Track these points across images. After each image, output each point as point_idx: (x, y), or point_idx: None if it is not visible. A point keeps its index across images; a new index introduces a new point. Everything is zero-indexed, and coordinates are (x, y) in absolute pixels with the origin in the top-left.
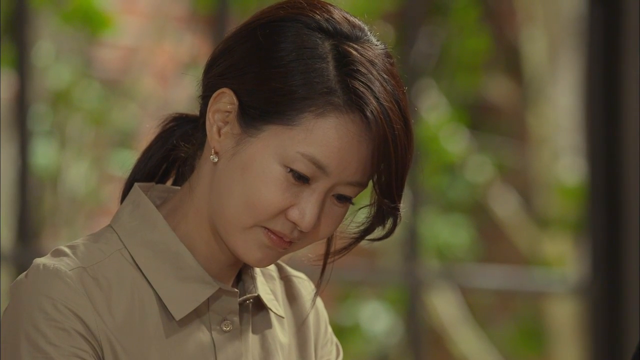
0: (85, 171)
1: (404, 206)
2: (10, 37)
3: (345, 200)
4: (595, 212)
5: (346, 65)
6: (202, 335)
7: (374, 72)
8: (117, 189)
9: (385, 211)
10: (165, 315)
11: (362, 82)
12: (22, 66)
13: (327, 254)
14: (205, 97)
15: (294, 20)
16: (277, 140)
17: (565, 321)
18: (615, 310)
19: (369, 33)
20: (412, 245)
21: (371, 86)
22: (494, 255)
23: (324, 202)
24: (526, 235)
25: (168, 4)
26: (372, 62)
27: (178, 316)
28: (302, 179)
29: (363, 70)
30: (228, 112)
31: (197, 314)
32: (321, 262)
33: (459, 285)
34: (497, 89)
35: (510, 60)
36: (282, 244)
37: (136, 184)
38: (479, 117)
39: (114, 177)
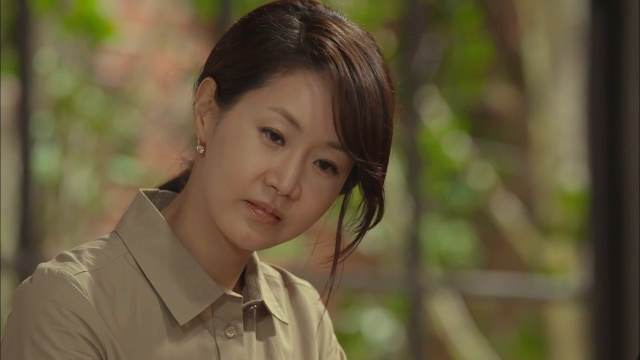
0: (88, 178)
1: (384, 172)
2: (12, 44)
3: (328, 168)
4: (597, 219)
5: (315, 23)
6: (205, 340)
7: (342, 32)
8: (120, 196)
9: (364, 176)
10: (169, 321)
11: (328, 37)
12: (24, 73)
13: (337, 253)
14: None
15: (272, 6)
16: (250, 105)
17: (567, 328)
18: (617, 317)
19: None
20: (414, 252)
21: (336, 40)
22: (496, 262)
23: (303, 165)
24: (528, 243)
25: (170, 11)
26: (342, 28)
27: (182, 321)
28: (276, 139)
29: (332, 29)
30: (210, 100)
31: (201, 320)
32: (329, 264)
33: (461, 292)
34: (499, 96)
35: (512, 67)
36: (267, 216)
37: (141, 190)
38: (481, 124)
39: (116, 184)
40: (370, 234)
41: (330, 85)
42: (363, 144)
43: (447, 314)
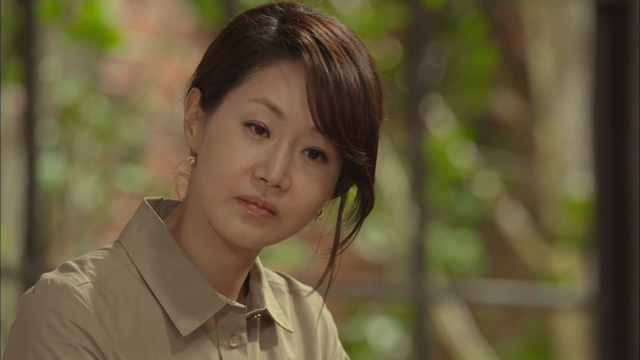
0: (93, 186)
1: (366, 158)
2: (18, 53)
3: (318, 157)
4: (603, 227)
5: (292, 16)
6: (209, 351)
7: (319, 24)
8: (125, 204)
9: (347, 162)
10: (172, 331)
11: (304, 27)
12: (29, 81)
13: (335, 245)
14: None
15: (251, 11)
16: (233, 102)
17: (573, 336)
18: (623, 325)
19: None
20: (420, 261)
21: (311, 30)
22: (501, 270)
23: (290, 155)
24: (534, 251)
25: (175, 19)
26: (320, 21)
27: (184, 332)
28: (262, 132)
29: (308, 21)
30: (197, 109)
31: (204, 330)
32: (330, 256)
33: (467, 300)
34: (504, 104)
35: (517, 76)
36: (259, 210)
37: (145, 199)
38: (486, 133)
39: (121, 192)
40: (376, 242)
41: (304, 73)
42: (342, 129)
43: (452, 322)
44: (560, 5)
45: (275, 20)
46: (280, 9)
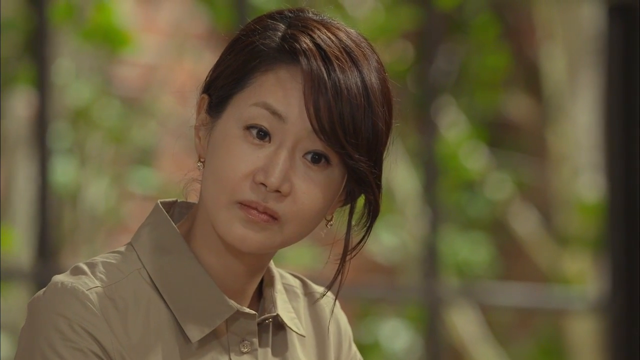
0: (105, 189)
1: (366, 161)
2: (30, 55)
3: (321, 161)
4: (615, 229)
5: (297, 22)
6: (219, 357)
7: (324, 29)
8: (138, 206)
9: (350, 168)
10: (182, 337)
11: (306, 33)
12: (42, 84)
13: (345, 250)
14: None
15: (260, 17)
16: (235, 107)
17: (585, 338)
18: (635, 327)
19: None
20: (432, 263)
21: (313, 36)
22: (513, 272)
23: (291, 160)
24: (546, 253)
25: (187, 21)
26: (327, 27)
27: (194, 338)
28: (263, 137)
29: (312, 27)
30: (205, 116)
31: (215, 336)
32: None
33: (479, 302)
34: (516, 106)
35: (529, 78)
36: (259, 215)
37: (158, 202)
38: (498, 135)
39: (133, 194)
40: (388, 244)
41: (301, 77)
42: (341, 134)
43: (464, 324)
44: (572, 7)
45: (282, 26)
46: (289, 14)
